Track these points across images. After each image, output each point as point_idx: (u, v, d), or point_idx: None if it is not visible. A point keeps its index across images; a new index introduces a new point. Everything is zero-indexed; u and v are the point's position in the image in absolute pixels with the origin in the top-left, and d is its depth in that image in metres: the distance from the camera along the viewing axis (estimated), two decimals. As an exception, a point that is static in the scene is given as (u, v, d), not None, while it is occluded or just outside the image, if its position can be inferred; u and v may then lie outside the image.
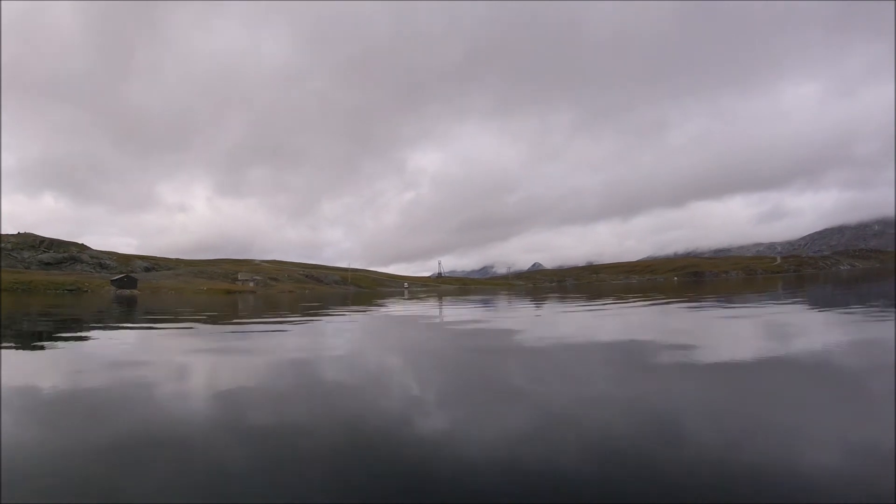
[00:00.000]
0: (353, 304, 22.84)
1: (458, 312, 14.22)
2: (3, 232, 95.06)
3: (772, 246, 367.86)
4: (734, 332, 7.08)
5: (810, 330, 7.05)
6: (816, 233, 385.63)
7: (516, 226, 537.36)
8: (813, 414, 2.93)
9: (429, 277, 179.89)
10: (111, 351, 6.52)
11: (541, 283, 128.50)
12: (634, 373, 4.18)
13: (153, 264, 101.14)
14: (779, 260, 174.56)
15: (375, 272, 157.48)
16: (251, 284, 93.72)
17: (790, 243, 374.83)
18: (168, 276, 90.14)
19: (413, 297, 35.30)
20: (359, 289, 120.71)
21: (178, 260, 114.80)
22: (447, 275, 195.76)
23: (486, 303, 20.35)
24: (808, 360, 4.52)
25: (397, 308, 18.36)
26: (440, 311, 14.87)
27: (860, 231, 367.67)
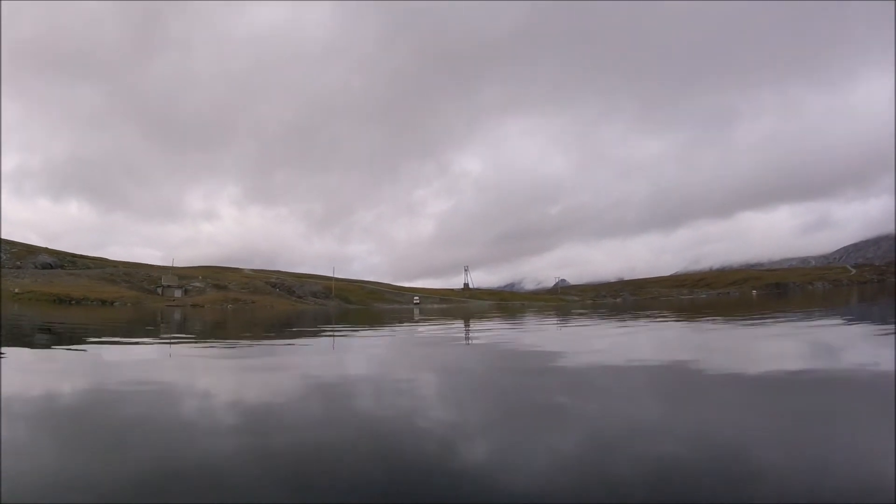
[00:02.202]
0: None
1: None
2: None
3: (805, 260, 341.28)
4: None
5: None
6: (851, 245, 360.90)
7: (552, 238, 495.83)
8: None
9: (451, 290, 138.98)
10: None
11: (600, 300, 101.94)
12: None
13: (67, 260, 76.55)
14: (853, 270, 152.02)
15: (376, 283, 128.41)
16: (177, 294, 68.55)
17: (824, 257, 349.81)
18: (52, 276, 65.43)
19: (426, 318, 22.46)
20: (345, 305, 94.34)
21: (116, 262, 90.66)
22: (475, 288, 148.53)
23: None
24: None
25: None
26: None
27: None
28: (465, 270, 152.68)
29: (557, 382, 4.96)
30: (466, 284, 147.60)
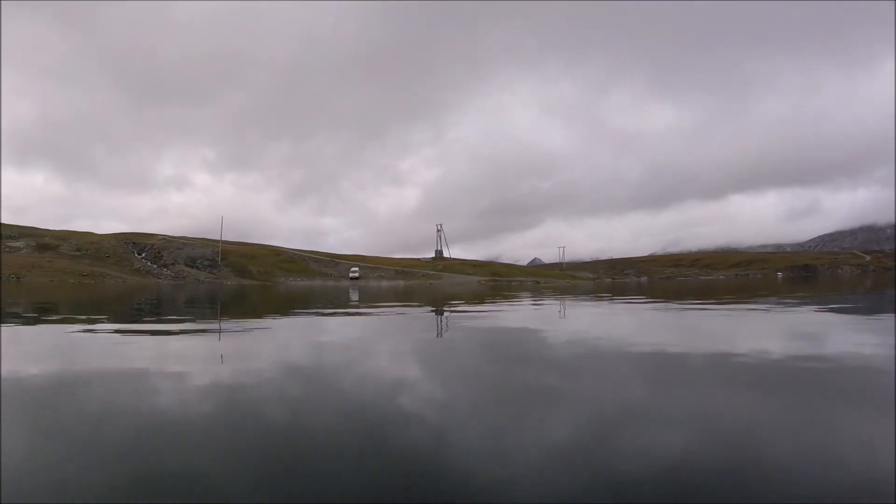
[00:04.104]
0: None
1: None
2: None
3: (780, 247, 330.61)
4: None
5: None
6: (826, 235, 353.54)
7: (539, 215, 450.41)
8: None
9: (417, 260, 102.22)
10: None
11: (620, 278, 78.31)
12: None
13: None
14: (868, 258, 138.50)
15: (301, 251, 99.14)
16: None
17: (799, 244, 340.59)
18: None
19: (367, 305, 12.42)
20: (236, 280, 66.85)
21: None
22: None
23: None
24: None
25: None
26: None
27: (872, 234, 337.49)
28: (438, 231, 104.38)
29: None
30: (439, 252, 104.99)
